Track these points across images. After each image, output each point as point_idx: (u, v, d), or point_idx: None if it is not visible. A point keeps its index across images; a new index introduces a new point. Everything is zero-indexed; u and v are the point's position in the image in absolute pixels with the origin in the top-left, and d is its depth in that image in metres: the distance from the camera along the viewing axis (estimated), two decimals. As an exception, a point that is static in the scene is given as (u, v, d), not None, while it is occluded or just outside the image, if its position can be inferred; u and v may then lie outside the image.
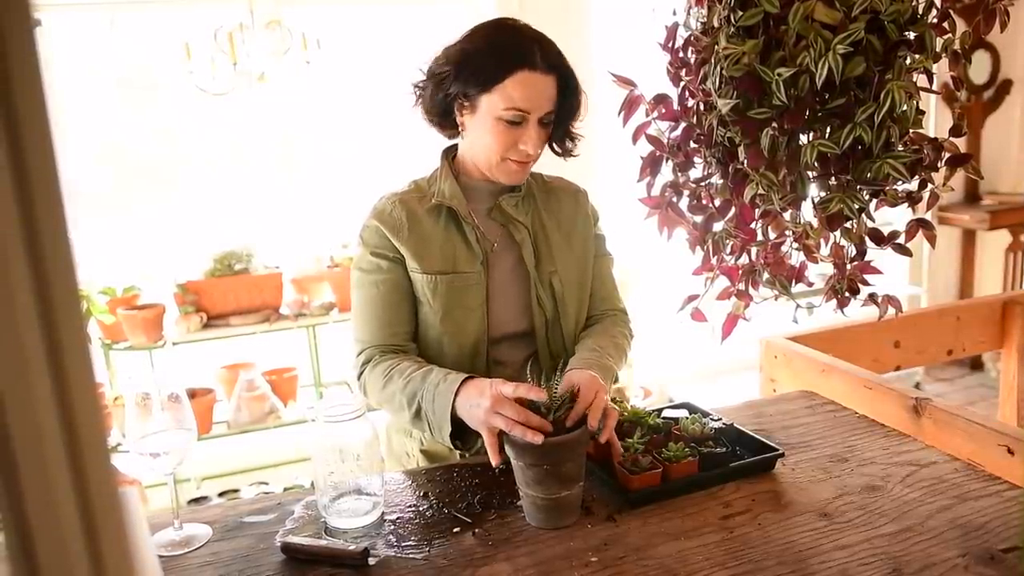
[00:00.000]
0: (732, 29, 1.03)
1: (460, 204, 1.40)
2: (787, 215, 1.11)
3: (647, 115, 1.18)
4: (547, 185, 1.52)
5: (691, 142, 1.15)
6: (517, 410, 1.12)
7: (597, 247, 1.54)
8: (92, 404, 0.33)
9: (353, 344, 1.44)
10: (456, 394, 1.22)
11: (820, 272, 1.20)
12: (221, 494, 3.25)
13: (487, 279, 1.41)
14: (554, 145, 1.44)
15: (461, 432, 1.26)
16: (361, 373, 1.40)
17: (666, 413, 1.38)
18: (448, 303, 1.37)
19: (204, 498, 3.20)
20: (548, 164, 1.49)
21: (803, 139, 1.04)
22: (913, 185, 1.07)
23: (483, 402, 1.16)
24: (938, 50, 1.01)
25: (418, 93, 1.41)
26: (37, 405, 0.31)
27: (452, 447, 1.30)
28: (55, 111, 0.30)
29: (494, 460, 1.15)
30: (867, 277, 1.15)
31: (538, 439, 1.07)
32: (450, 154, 1.48)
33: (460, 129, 1.39)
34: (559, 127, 1.40)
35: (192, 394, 3.10)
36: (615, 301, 1.56)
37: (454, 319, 1.38)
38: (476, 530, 1.13)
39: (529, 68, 1.28)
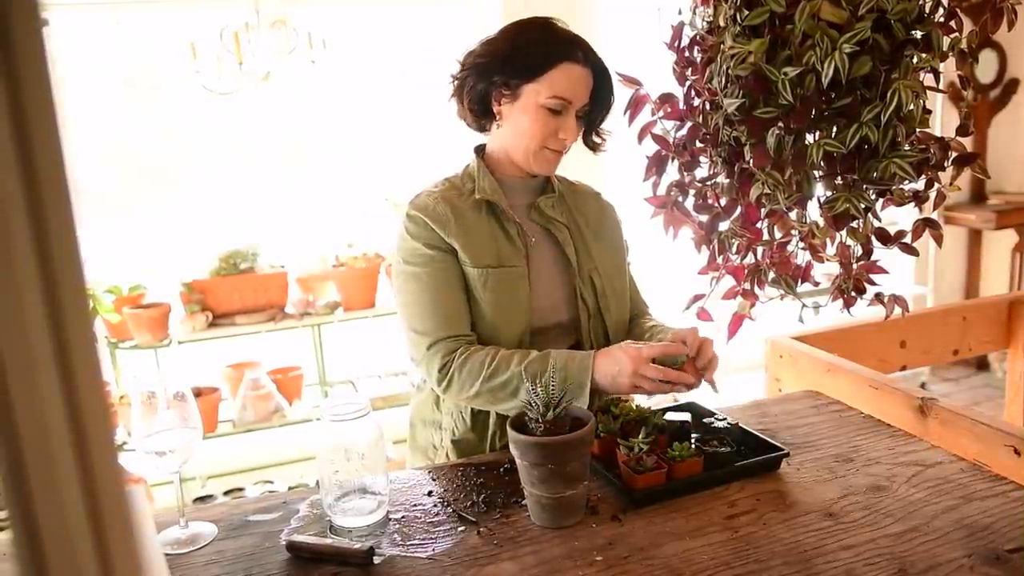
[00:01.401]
0: (738, 28, 1.03)
1: (501, 199, 1.43)
2: (793, 214, 1.11)
3: (653, 114, 1.18)
4: (572, 186, 1.59)
5: (697, 141, 1.15)
6: (657, 369, 1.26)
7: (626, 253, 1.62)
8: (99, 403, 0.33)
9: (412, 336, 1.42)
10: (593, 366, 1.31)
11: (826, 272, 1.20)
12: (226, 493, 3.26)
13: (529, 272, 1.44)
14: (584, 140, 1.50)
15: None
16: (445, 365, 1.37)
17: (668, 416, 1.38)
18: (498, 296, 1.40)
19: (209, 496, 3.20)
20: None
21: (809, 138, 1.04)
22: (919, 184, 1.07)
23: (624, 368, 1.28)
24: (945, 49, 1.01)
25: (456, 83, 1.44)
26: (45, 404, 0.31)
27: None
28: (63, 111, 0.31)
29: (675, 389, 1.30)
30: (873, 277, 1.15)
31: (689, 380, 1.28)
32: (479, 152, 1.51)
33: (497, 119, 1.42)
34: (591, 123, 1.47)
35: (197, 393, 3.10)
36: (646, 306, 1.67)
37: (504, 311, 1.40)
38: (481, 529, 1.13)
39: (572, 60, 1.36)
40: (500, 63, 1.37)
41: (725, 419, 1.35)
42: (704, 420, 1.35)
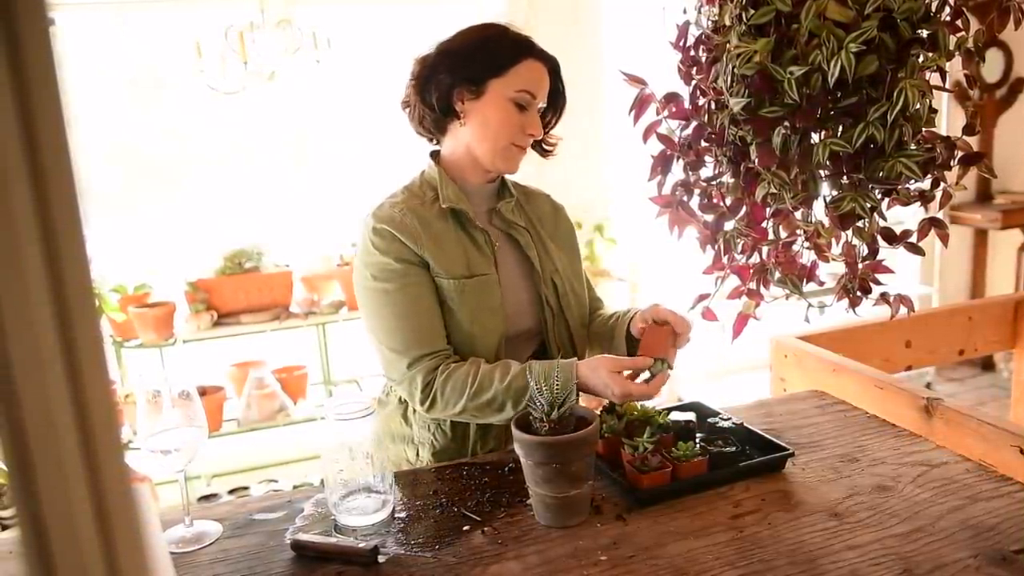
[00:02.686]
0: (744, 27, 1.03)
1: (468, 207, 1.42)
2: (798, 214, 1.11)
3: (658, 114, 1.18)
4: (525, 190, 1.58)
5: (702, 141, 1.15)
6: (642, 390, 1.28)
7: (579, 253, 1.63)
8: (106, 401, 0.33)
9: (388, 355, 1.38)
10: (576, 376, 1.31)
11: (831, 271, 1.20)
12: (231, 491, 3.27)
13: (499, 278, 1.43)
14: (533, 145, 1.48)
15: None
16: (428, 384, 1.34)
17: (673, 415, 1.37)
18: (474, 306, 1.38)
19: (214, 495, 3.21)
20: (558, 167, 1.51)
21: (815, 138, 1.03)
22: (925, 184, 1.07)
23: (612, 390, 1.28)
24: (951, 48, 1.00)
25: (417, 82, 1.42)
26: (51, 402, 0.31)
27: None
28: (70, 110, 0.31)
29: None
30: (879, 276, 1.14)
31: (664, 381, 1.31)
32: (435, 159, 1.49)
33: (460, 117, 1.40)
34: (543, 126, 1.47)
35: (202, 392, 3.11)
36: (599, 301, 1.67)
37: (480, 321, 1.39)
38: (485, 528, 1.13)
39: (535, 57, 1.39)
40: (466, 59, 1.38)
41: (730, 419, 1.35)
42: (709, 420, 1.35)
